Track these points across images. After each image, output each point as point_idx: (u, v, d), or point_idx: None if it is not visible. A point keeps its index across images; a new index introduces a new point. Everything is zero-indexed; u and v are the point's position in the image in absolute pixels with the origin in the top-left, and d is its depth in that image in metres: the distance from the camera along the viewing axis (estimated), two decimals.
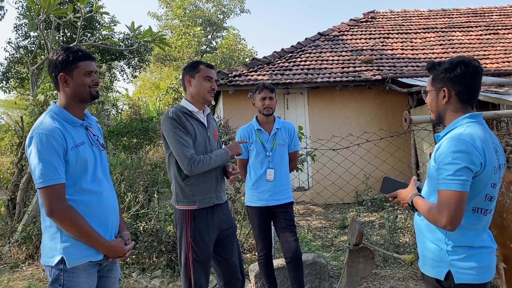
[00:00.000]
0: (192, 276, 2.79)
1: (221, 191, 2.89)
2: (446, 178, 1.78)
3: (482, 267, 1.86)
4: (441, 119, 2.00)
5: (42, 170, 1.93)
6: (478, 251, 1.87)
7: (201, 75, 2.83)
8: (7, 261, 5.24)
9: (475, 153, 1.77)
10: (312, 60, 9.83)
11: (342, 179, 7.18)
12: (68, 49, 2.10)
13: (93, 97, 2.14)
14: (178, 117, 2.73)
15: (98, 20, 12.56)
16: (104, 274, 2.18)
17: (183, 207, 2.79)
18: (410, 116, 3.69)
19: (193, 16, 22.70)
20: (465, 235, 1.87)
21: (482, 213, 1.88)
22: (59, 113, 2.08)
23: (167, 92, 17.96)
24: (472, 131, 1.84)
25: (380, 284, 4.36)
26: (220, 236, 2.89)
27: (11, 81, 13.14)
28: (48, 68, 2.14)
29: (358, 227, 3.31)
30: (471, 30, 11.22)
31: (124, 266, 4.76)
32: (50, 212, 1.95)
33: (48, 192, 1.94)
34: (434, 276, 1.93)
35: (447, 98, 1.93)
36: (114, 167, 7.91)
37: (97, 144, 2.19)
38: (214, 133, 2.98)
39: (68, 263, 1.97)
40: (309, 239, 5.90)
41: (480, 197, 1.86)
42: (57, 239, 2.00)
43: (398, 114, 9.04)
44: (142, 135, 12.26)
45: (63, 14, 4.93)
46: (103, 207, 2.10)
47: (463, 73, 1.88)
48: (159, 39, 5.18)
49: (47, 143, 1.94)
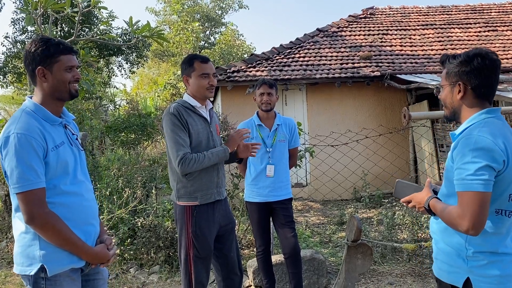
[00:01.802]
0: (192, 272, 2.77)
1: (222, 186, 2.88)
2: (466, 178, 1.65)
3: (504, 276, 1.72)
4: (456, 115, 1.87)
5: (21, 174, 1.77)
6: (501, 258, 1.74)
7: (197, 74, 2.77)
8: (4, 257, 5.23)
9: (496, 150, 1.64)
10: (310, 56, 9.81)
11: (341, 175, 7.17)
12: (49, 40, 1.93)
13: (72, 95, 1.98)
14: (178, 113, 2.69)
15: (96, 15, 12.50)
16: (91, 277, 2.07)
17: (184, 203, 2.76)
18: (409, 113, 3.68)
19: (191, 11, 22.62)
20: (487, 239, 1.73)
21: (506, 215, 1.74)
22: (36, 110, 1.90)
23: (165, 87, 17.91)
24: (491, 126, 1.71)
25: (378, 280, 4.37)
26: (220, 231, 2.88)
27: (8, 76, 13.07)
28: (25, 60, 1.94)
29: (356, 223, 3.30)
30: (470, 26, 11.20)
31: (122, 261, 4.75)
32: (30, 219, 1.80)
33: (28, 197, 1.78)
34: (451, 282, 1.80)
35: (463, 93, 1.80)
36: (112, 162, 7.88)
37: (76, 143, 2.04)
38: (216, 128, 2.96)
39: (49, 271, 1.84)
40: (307, 235, 5.91)
41: (503, 197, 1.72)
42: (34, 246, 1.85)
43: (397, 110, 9.04)
44: (140, 131, 12.24)
45: (61, 9, 4.89)
46: (85, 210, 1.98)
47: (480, 66, 1.76)
48: (157, 34, 5.15)
49: (26, 144, 1.78)
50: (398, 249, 4.95)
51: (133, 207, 5.15)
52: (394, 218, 5.44)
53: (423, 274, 4.43)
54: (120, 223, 4.93)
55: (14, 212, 1.92)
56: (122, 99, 20.41)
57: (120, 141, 11.94)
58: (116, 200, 5.12)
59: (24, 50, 1.97)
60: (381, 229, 5.73)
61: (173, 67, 20.53)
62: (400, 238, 5.31)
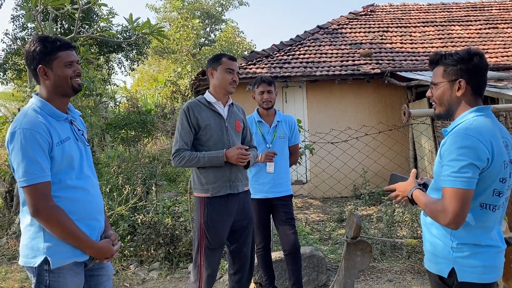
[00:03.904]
0: (202, 263, 2.87)
1: (237, 181, 2.94)
2: (450, 175, 1.73)
3: (487, 266, 1.80)
4: (450, 112, 1.91)
5: (27, 168, 1.81)
6: (484, 249, 1.81)
7: (223, 67, 2.92)
8: (4, 253, 5.24)
9: (481, 148, 1.71)
10: (311, 54, 9.79)
11: (340, 172, 7.18)
12: (46, 39, 1.97)
13: (75, 90, 2.01)
14: (188, 109, 2.88)
15: (96, 12, 12.46)
16: (96, 272, 2.09)
17: (198, 194, 2.92)
18: (409, 110, 3.68)
19: (192, 8, 22.55)
20: (471, 232, 1.81)
21: (490, 209, 1.81)
22: (42, 106, 1.95)
23: (165, 85, 17.88)
24: (479, 124, 1.77)
25: (378, 277, 4.38)
26: (235, 226, 2.97)
27: (8, 72, 13.05)
28: (26, 60, 1.99)
29: (356, 220, 3.31)
30: (470, 24, 11.18)
31: (122, 258, 4.76)
32: (35, 212, 1.84)
33: (33, 191, 1.83)
34: (437, 272, 1.89)
35: (463, 90, 1.84)
36: (112, 159, 7.89)
37: (82, 139, 2.07)
38: (236, 124, 3.02)
39: (52, 264, 1.88)
40: (307, 232, 5.92)
41: (488, 192, 1.79)
42: (39, 239, 1.89)
43: (397, 107, 9.03)
44: (140, 128, 12.25)
45: (60, 6, 4.89)
46: (90, 205, 2.01)
47: (480, 65, 1.82)
48: (157, 31, 5.14)
49: (31, 139, 1.82)
50: (397, 246, 4.96)
51: (133, 204, 5.16)
52: (394, 215, 5.45)
53: (423, 271, 4.44)
54: (120, 220, 4.95)
55: (21, 206, 1.96)
56: (122, 96, 20.41)
57: (120, 138, 11.95)
58: (116, 197, 5.14)
59: (24, 50, 2.00)
60: (381, 226, 5.74)
61: (173, 64, 20.50)
62: (399, 235, 5.31)
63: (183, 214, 5.39)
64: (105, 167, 6.62)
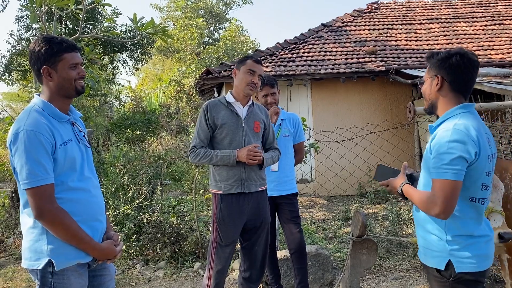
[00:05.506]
0: (213, 259, 2.94)
1: (248, 180, 2.95)
2: (441, 167, 1.82)
3: (480, 255, 1.90)
4: (433, 107, 2.03)
5: (31, 170, 1.79)
6: (476, 240, 1.90)
7: (245, 68, 2.97)
8: (11, 253, 5.27)
9: (470, 142, 1.81)
10: (315, 52, 9.77)
11: (346, 170, 7.16)
12: (52, 39, 1.95)
13: (78, 92, 2.00)
14: (207, 108, 2.96)
15: (100, 12, 12.52)
16: (98, 272, 2.09)
17: (212, 190, 3.00)
18: (414, 108, 3.67)
19: (195, 7, 22.56)
20: (464, 224, 1.90)
21: (480, 202, 1.91)
22: (44, 107, 1.93)
23: (170, 84, 17.90)
24: (466, 121, 1.87)
25: (383, 275, 4.37)
26: (248, 225, 3.00)
27: (13, 73, 13.14)
28: (30, 60, 1.98)
29: (362, 218, 3.30)
30: (476, 20, 11.10)
31: (128, 257, 4.78)
32: (39, 215, 1.82)
33: (37, 193, 1.81)
34: (435, 266, 1.95)
35: (440, 86, 1.95)
36: (118, 159, 7.92)
37: (83, 141, 2.06)
38: (255, 124, 3.03)
39: (56, 266, 1.86)
40: (312, 230, 5.91)
41: (476, 186, 1.89)
42: (42, 241, 1.88)
43: (402, 105, 8.99)
44: (145, 127, 12.30)
45: (65, 6, 4.89)
46: (92, 206, 2.00)
47: (458, 63, 1.91)
48: (161, 30, 5.14)
49: (35, 140, 1.81)
50: (403, 245, 4.94)
51: (139, 203, 5.17)
52: (400, 213, 5.43)
53: None
54: (125, 219, 4.96)
55: (23, 208, 1.94)
56: (127, 96, 20.46)
57: (125, 138, 12.00)
58: (121, 197, 5.15)
59: (29, 49, 1.98)
60: (387, 224, 5.72)
61: (177, 64, 20.51)
62: (405, 233, 5.30)
63: (188, 213, 5.40)
64: (111, 166, 6.64)
